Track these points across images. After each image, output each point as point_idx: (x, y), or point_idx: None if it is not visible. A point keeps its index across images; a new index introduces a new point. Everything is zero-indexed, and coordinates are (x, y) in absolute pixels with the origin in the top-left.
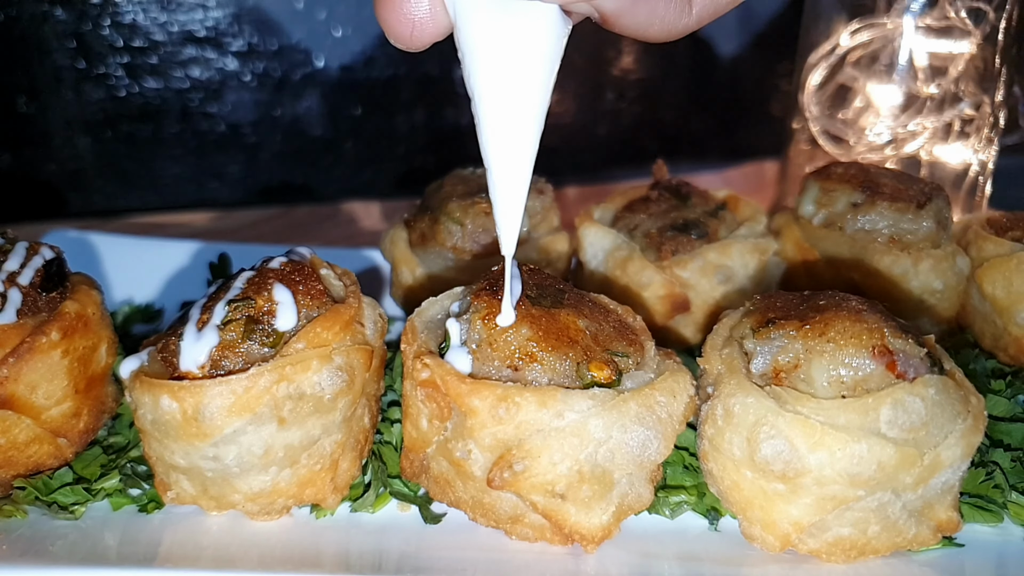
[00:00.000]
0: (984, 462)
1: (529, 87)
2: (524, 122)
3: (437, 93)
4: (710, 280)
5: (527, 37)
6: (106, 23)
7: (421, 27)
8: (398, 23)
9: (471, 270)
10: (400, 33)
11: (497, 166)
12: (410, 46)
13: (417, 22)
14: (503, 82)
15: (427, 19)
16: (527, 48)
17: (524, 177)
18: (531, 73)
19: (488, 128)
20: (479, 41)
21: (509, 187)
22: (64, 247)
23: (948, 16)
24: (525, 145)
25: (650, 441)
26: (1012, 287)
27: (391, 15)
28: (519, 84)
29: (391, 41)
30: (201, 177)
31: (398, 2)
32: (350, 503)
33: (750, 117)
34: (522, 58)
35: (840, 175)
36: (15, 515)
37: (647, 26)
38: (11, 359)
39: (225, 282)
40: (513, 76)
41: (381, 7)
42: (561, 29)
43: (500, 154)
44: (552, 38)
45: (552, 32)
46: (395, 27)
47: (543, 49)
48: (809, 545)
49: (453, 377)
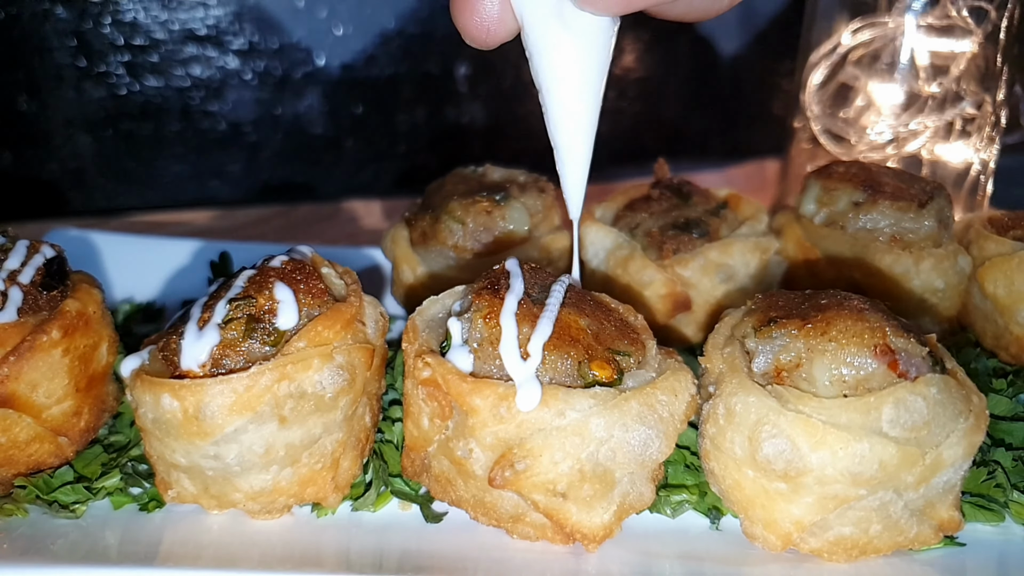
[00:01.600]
0: (986, 461)
1: (587, 80)
2: (585, 108)
3: (438, 92)
4: (711, 279)
5: (584, 36)
6: (107, 21)
7: (494, 29)
8: (474, 27)
9: (472, 269)
10: (476, 35)
11: (564, 147)
12: (484, 46)
13: (490, 25)
14: (566, 76)
15: (497, 22)
16: (584, 46)
17: (586, 155)
18: (588, 69)
19: (555, 115)
20: (543, 42)
21: (575, 164)
22: (65, 246)
23: (950, 15)
24: (586, 127)
25: (651, 440)
26: (1013, 286)
27: (467, 19)
28: (580, 77)
29: (467, 42)
30: (202, 176)
31: (473, 8)
32: (351, 502)
33: (751, 116)
34: (580, 56)
35: (841, 174)
36: (16, 514)
37: (685, 15)
38: (12, 357)
39: (226, 281)
40: (573, 72)
41: (458, 13)
42: (611, 28)
43: (566, 136)
44: (604, 36)
45: (604, 31)
46: (471, 30)
47: (597, 48)
48: (811, 544)
49: (454, 376)
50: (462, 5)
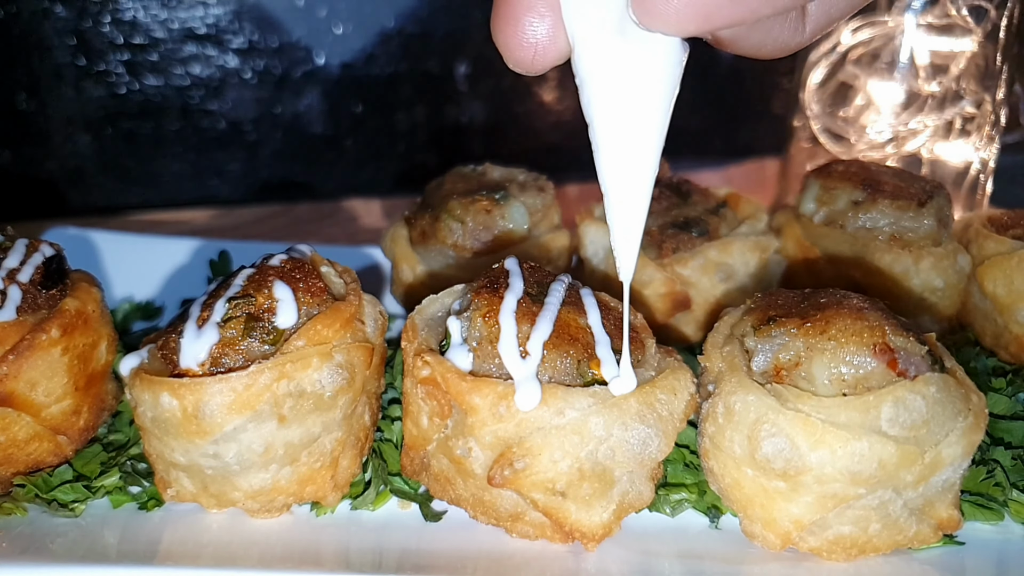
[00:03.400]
0: (985, 460)
1: (649, 115)
2: (643, 150)
3: (438, 91)
4: (711, 278)
5: (647, 64)
6: (106, 20)
7: (543, 52)
8: (519, 48)
9: (472, 268)
10: (521, 58)
11: (615, 192)
12: (529, 70)
13: (539, 47)
14: (623, 109)
15: (548, 43)
16: (647, 75)
17: (643, 204)
18: (651, 101)
19: (606, 155)
20: (598, 68)
21: (628, 214)
22: (64, 244)
23: (949, 14)
24: (644, 173)
25: (651, 439)
26: (1013, 285)
27: (512, 40)
28: (639, 112)
29: (510, 66)
30: (201, 174)
31: (519, 27)
32: (350, 501)
33: (751, 115)
34: (642, 86)
35: (841, 173)
36: (15, 513)
37: (760, 46)
38: (11, 356)
39: (225, 279)
40: (633, 104)
41: (500, 32)
42: (680, 55)
43: (618, 181)
44: (671, 65)
45: (671, 59)
46: (516, 52)
47: (663, 76)
48: (810, 543)
49: (453, 375)
50: (504, 23)
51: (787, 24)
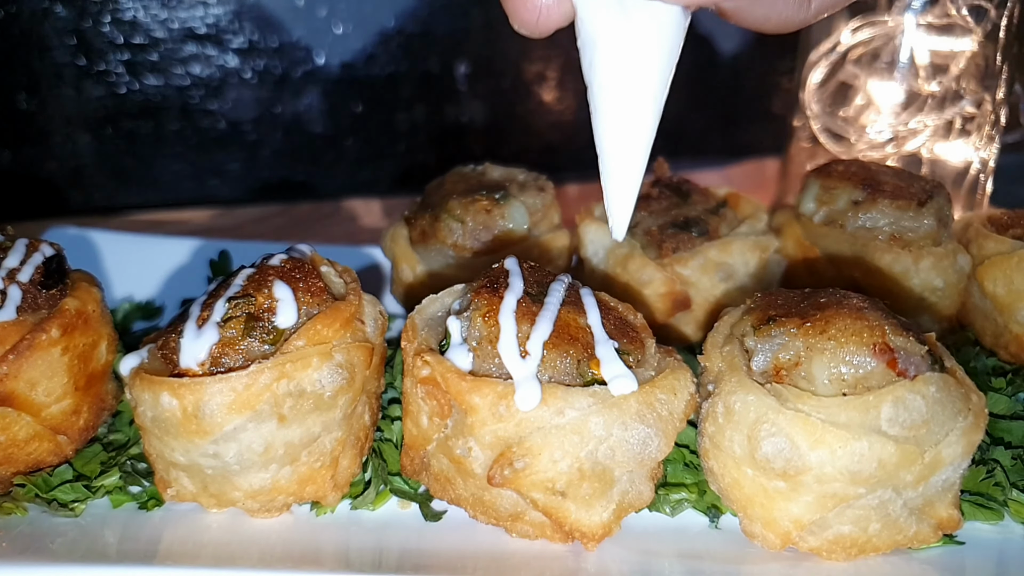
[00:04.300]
0: (985, 460)
1: (649, 80)
2: (642, 115)
3: (438, 90)
4: (711, 278)
5: (649, 30)
6: (106, 20)
7: (548, 14)
8: (525, 9)
9: (472, 268)
10: (526, 19)
11: (612, 156)
12: (534, 32)
13: (543, 9)
14: (623, 74)
15: (553, 5)
16: (648, 41)
17: (638, 169)
18: (652, 65)
19: (604, 119)
20: (600, 32)
21: (623, 177)
22: (64, 244)
23: (949, 14)
24: (641, 137)
25: (651, 439)
26: (1013, 285)
27: (517, 2)
28: (639, 76)
29: (515, 27)
30: (201, 174)
31: None
32: (350, 500)
33: (751, 114)
34: (643, 51)
35: (841, 173)
36: (15, 512)
37: (764, 20)
38: (11, 356)
39: (225, 279)
40: (634, 68)
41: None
42: (681, 22)
43: (615, 144)
44: (673, 31)
45: (673, 26)
46: (521, 13)
47: (664, 42)
48: (810, 543)
49: (453, 374)
50: None
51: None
